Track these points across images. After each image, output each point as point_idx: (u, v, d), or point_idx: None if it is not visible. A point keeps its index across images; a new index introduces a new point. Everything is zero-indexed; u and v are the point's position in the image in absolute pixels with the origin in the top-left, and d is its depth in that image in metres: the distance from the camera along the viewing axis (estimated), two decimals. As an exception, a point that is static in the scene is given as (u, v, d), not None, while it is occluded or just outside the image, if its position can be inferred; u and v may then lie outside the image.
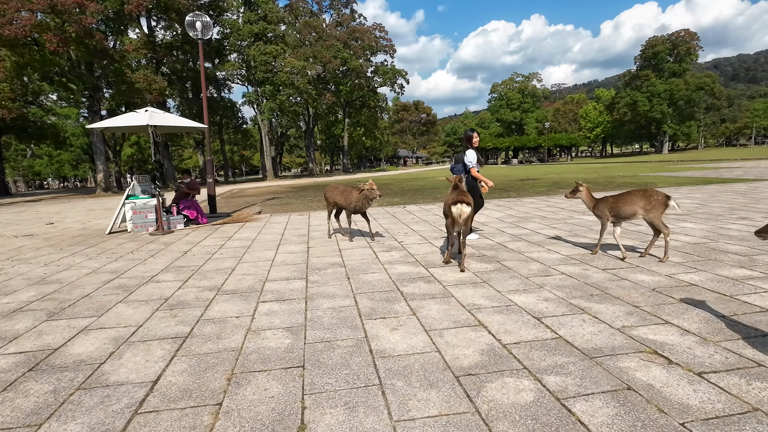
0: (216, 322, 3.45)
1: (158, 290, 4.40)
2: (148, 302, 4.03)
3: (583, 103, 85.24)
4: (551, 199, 11.14)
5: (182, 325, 3.43)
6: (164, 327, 3.39)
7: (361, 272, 4.78)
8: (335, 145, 65.63)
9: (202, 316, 3.60)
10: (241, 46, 37.60)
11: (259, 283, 4.50)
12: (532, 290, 3.92)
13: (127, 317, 3.65)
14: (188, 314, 3.66)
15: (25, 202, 23.55)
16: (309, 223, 8.75)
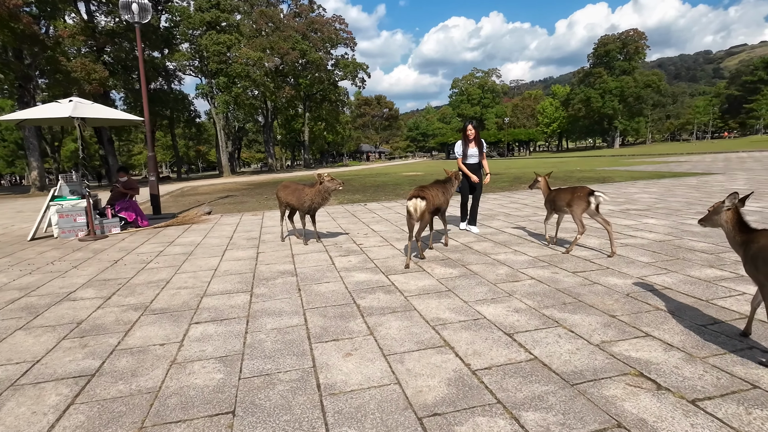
0: (134, 353, 2.87)
1: (72, 311, 3.73)
2: (55, 328, 3.37)
3: (540, 99, 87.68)
4: (514, 194, 11.03)
5: (91, 358, 2.83)
6: (68, 362, 2.79)
7: (314, 282, 4.29)
8: (296, 140, 64.09)
9: (119, 345, 3.00)
10: (193, 36, 35.66)
11: (195, 299, 3.92)
12: (502, 299, 3.58)
13: (23, 350, 3.00)
14: (102, 343, 3.06)
15: (-53, 203, 21.22)
16: (262, 224, 8.13)
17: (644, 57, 71.34)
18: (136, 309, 3.72)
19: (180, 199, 14.84)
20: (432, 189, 5.05)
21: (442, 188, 5.27)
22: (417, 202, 4.63)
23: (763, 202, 7.79)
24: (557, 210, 5.17)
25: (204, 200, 13.91)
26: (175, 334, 3.16)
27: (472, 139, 6.16)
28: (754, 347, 2.61)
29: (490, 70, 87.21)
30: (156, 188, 9.56)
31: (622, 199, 9.08)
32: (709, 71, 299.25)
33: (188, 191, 19.38)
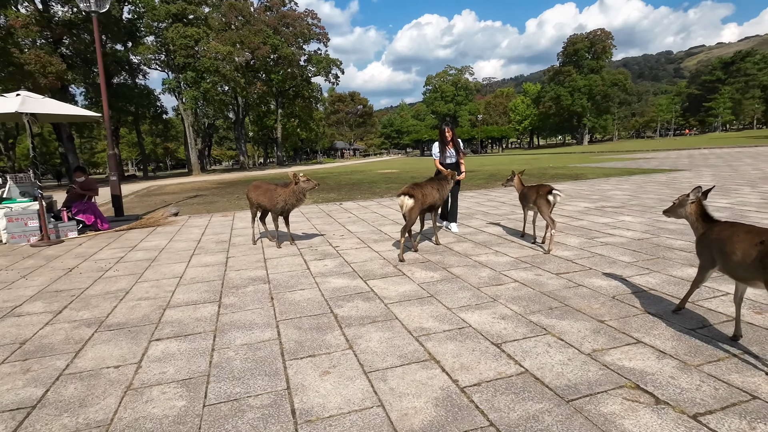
0: (85, 378, 2.56)
1: (15, 329, 3.35)
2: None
3: (512, 97, 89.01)
4: (490, 192, 10.99)
5: (34, 385, 2.50)
6: (5, 391, 2.45)
7: (288, 289, 4.03)
8: (269, 137, 62.85)
9: (67, 369, 2.68)
10: (159, 28, 34.27)
11: (157, 311, 3.60)
12: (486, 305, 3.42)
13: (-48, 378, 2.63)
14: (47, 366, 2.72)
15: None
16: (233, 225, 7.76)
17: (611, 56, 73.44)
18: (89, 324, 3.38)
19: (145, 200, 14.16)
20: (425, 187, 5.04)
21: (437, 186, 5.22)
22: (404, 199, 4.75)
23: (731, 198, 7.98)
24: (526, 205, 5.36)
25: (171, 200, 13.31)
26: (133, 353, 2.86)
27: (450, 141, 6.18)
28: (747, 352, 2.53)
29: (463, 68, 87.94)
30: (118, 188, 9.01)
31: (597, 197, 9.15)
32: (670, 71, 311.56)
33: (154, 190, 18.58)
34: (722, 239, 2.57)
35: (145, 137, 67.20)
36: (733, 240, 2.49)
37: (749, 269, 2.37)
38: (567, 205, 8.12)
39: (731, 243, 2.49)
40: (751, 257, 2.34)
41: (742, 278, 2.48)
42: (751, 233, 2.44)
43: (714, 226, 2.77)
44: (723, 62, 79.28)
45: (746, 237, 2.43)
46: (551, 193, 4.86)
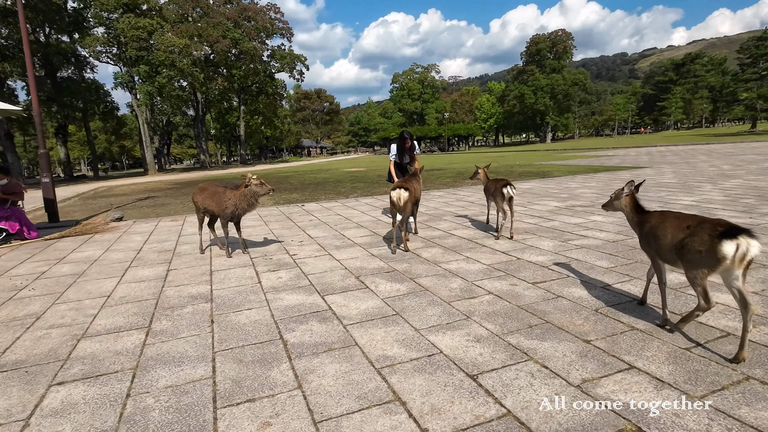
0: (-54, 446, 1.96)
1: None
2: None
3: (477, 95, 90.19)
4: (459, 191, 10.70)
5: None
6: None
7: (233, 309, 3.49)
8: (232, 135, 60.85)
9: (-72, 433, 2.07)
10: (110, 19, 32.20)
11: (69, 343, 2.99)
12: (459, 324, 3.02)
13: None
14: None
15: None
16: (181, 231, 7.07)
17: (572, 56, 75.53)
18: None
19: (90, 203, 13.05)
20: (412, 181, 5.32)
21: (417, 181, 5.56)
22: (401, 192, 4.84)
23: (695, 196, 7.98)
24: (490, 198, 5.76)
25: (119, 203, 12.31)
26: (23, 405, 2.27)
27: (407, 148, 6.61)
28: (751, 377, 2.23)
29: (429, 66, 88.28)
30: (51, 191, 8.08)
31: (566, 195, 9.00)
32: (625, 72, 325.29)
33: (103, 192, 17.29)
34: (655, 226, 2.80)
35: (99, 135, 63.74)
36: (665, 226, 2.69)
37: (674, 253, 2.59)
38: (537, 205, 7.90)
39: (662, 229, 2.70)
40: (676, 241, 2.55)
41: (670, 261, 2.68)
42: (678, 219, 2.66)
43: (647, 215, 3.00)
44: (675, 63, 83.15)
45: (675, 222, 2.64)
46: (505, 187, 5.25)
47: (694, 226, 2.47)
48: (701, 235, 2.38)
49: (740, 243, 2.25)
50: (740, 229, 2.28)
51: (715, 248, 2.29)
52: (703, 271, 2.40)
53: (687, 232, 2.49)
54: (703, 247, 2.36)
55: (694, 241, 2.41)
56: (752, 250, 2.24)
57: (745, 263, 2.27)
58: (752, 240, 2.25)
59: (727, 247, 2.25)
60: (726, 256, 2.26)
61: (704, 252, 2.35)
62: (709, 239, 2.33)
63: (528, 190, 10.07)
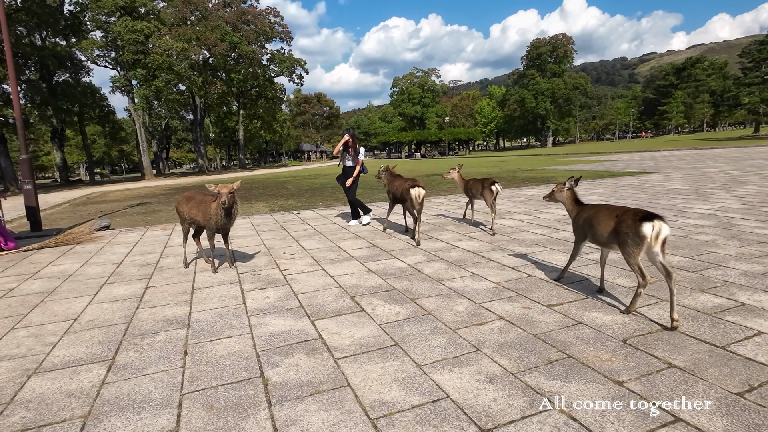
0: None
1: None
2: None
3: (477, 100, 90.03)
4: (461, 198, 10.29)
5: None
6: None
7: (210, 337, 3.09)
8: (231, 139, 60.55)
9: None
10: (108, 23, 31.92)
11: (17, 380, 2.59)
12: (467, 358, 2.62)
13: None
14: None
15: None
16: (168, 242, 6.67)
17: (572, 60, 75.35)
18: None
19: (80, 209, 12.65)
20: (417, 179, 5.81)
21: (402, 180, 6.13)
22: (420, 191, 5.39)
23: (710, 204, 7.58)
24: (473, 197, 6.54)
25: (109, 209, 11.91)
26: (-60, 469, 1.86)
27: (351, 147, 6.95)
28: (828, 437, 1.82)
29: (429, 70, 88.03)
30: (33, 198, 7.69)
31: (573, 202, 8.60)
32: (625, 76, 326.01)
33: (95, 198, 16.90)
34: (590, 217, 3.38)
35: (98, 139, 63.47)
36: (599, 217, 3.27)
37: (609, 237, 3.16)
38: (544, 213, 7.51)
39: (597, 219, 3.28)
40: (610, 228, 3.13)
41: (605, 244, 3.30)
42: (609, 210, 3.23)
43: (584, 208, 3.61)
44: (675, 68, 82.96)
45: (607, 213, 3.22)
46: (494, 185, 6.04)
47: (621, 215, 3.06)
48: (627, 221, 2.98)
49: (655, 225, 2.85)
50: (655, 215, 2.90)
51: (638, 229, 2.88)
52: (633, 249, 2.94)
53: (616, 219, 3.08)
54: (629, 230, 2.94)
55: (622, 226, 2.99)
56: (664, 230, 2.86)
57: (660, 241, 2.88)
58: (664, 223, 2.87)
59: (645, 228, 2.86)
60: (646, 235, 2.85)
61: (631, 233, 2.93)
62: (633, 223, 2.92)
63: (533, 197, 9.68)
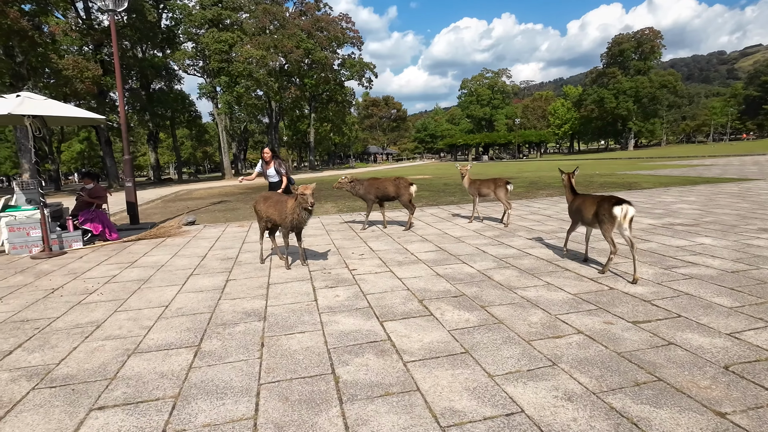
0: (-23, 477, 1.83)
1: (-56, 379, 2.70)
2: None
3: (551, 100, 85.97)
4: (533, 203, 9.88)
5: None
6: None
7: (285, 331, 3.22)
8: (302, 141, 63.24)
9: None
10: (197, 35, 34.84)
11: (118, 359, 2.88)
12: (543, 373, 2.48)
13: None
14: (-57, 450, 2.02)
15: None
16: (245, 238, 7.09)
17: (660, 56, 69.43)
18: (31, 377, 2.69)
19: (170, 205, 13.89)
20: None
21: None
22: (628, 207, 5.05)
23: (833, 216, 6.58)
24: (483, 195, 7.22)
25: (195, 206, 12.95)
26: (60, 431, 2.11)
27: (269, 161, 6.52)
28: None
29: (500, 71, 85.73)
30: (133, 195, 8.58)
31: (660, 210, 7.90)
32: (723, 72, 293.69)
33: (182, 195, 18.47)
34: (580, 203, 4.49)
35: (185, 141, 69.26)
36: (585, 203, 4.37)
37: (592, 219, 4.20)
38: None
39: (584, 205, 4.38)
40: (593, 211, 4.17)
41: (590, 223, 4.32)
42: (593, 198, 4.33)
43: (577, 196, 4.65)
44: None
45: (591, 200, 4.30)
46: (509, 183, 6.98)
47: (599, 201, 4.11)
48: (604, 205, 4.02)
49: (623, 208, 3.87)
50: (624, 200, 3.92)
51: (611, 211, 3.91)
52: (608, 226, 3.99)
53: (597, 205, 4.13)
54: (606, 212, 3.97)
55: (601, 210, 4.04)
56: (630, 211, 3.88)
57: (628, 220, 3.89)
58: (630, 207, 3.89)
59: (616, 210, 3.88)
60: (617, 215, 3.88)
61: (607, 215, 3.96)
62: (608, 206, 3.96)
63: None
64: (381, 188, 7.12)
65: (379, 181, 7.17)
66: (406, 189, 7.02)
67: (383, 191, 7.12)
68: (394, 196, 7.10)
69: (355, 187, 7.07)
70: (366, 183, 7.12)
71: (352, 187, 7.07)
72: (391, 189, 7.08)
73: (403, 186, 7.03)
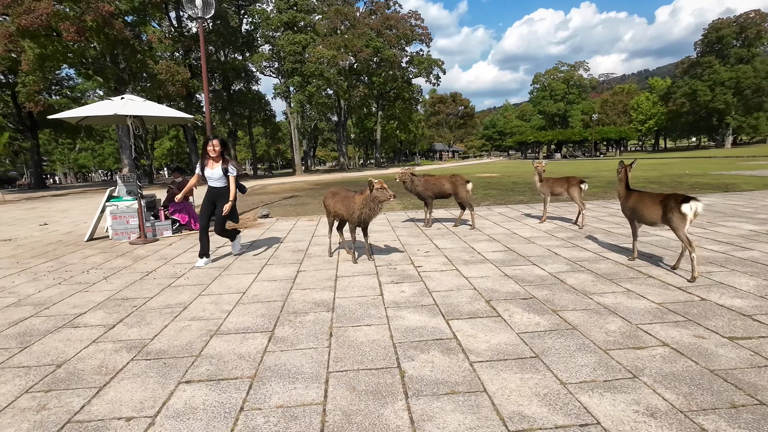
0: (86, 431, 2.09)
1: (62, 346, 3.11)
2: (29, 371, 2.74)
3: (634, 94, 79.49)
4: (612, 204, 9.24)
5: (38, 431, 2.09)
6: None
7: (352, 323, 3.31)
8: (369, 139, 64.31)
9: (79, 413, 2.25)
10: (273, 37, 36.76)
11: (202, 339, 3.13)
12: (622, 384, 2.32)
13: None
14: (64, 405, 2.33)
15: (53, 196, 23.70)
16: (315, 232, 7.37)
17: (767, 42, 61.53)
18: (130, 349, 3.01)
19: (246, 199, 14.80)
20: None
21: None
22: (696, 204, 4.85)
23: None
24: (556, 194, 6.96)
25: (268, 200, 13.69)
26: (154, 400, 2.35)
27: (216, 157, 5.14)
28: None
29: (576, 63, 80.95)
30: (215, 189, 9.25)
31: (764, 215, 7.03)
32: None
33: (257, 190, 19.59)
34: (636, 200, 4.42)
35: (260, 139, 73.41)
36: (643, 201, 4.30)
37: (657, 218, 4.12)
38: (721, 227, 6.29)
39: (641, 203, 4.32)
40: (656, 210, 4.10)
41: (651, 224, 4.28)
42: (651, 195, 4.29)
43: (631, 192, 4.55)
44: None
45: (651, 198, 4.24)
46: (582, 183, 6.63)
47: (664, 200, 4.00)
48: (670, 204, 3.90)
49: (692, 205, 3.78)
50: (690, 197, 3.83)
51: (680, 209, 3.81)
52: (679, 224, 3.84)
53: (661, 204, 4.02)
54: (674, 211, 3.85)
55: (668, 209, 3.91)
56: (699, 207, 3.80)
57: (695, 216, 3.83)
58: (699, 203, 3.81)
59: (685, 207, 3.79)
60: (686, 213, 3.79)
61: (676, 213, 3.85)
62: (676, 204, 3.85)
63: (707, 207, 8.17)
64: (437, 185, 7.04)
65: (435, 178, 7.11)
66: (463, 186, 6.88)
67: (439, 188, 7.04)
68: (451, 193, 6.99)
69: (413, 182, 7.04)
70: (422, 180, 7.06)
71: (410, 182, 7.03)
72: (447, 186, 6.98)
73: (459, 183, 6.90)
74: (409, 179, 7.00)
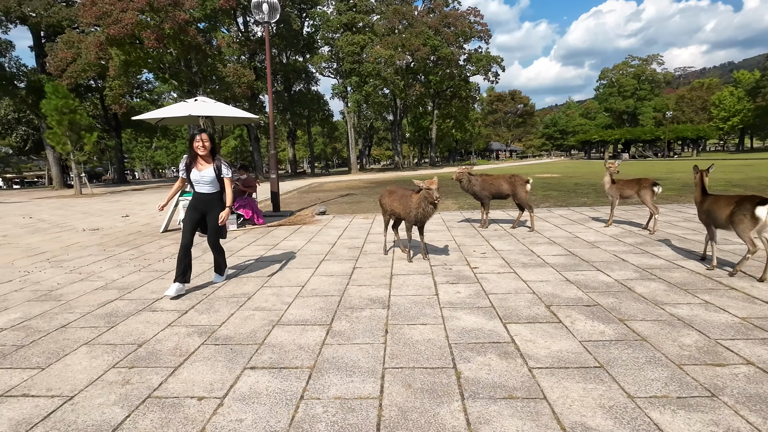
0: (166, 407, 2.28)
1: (143, 327, 3.40)
2: (115, 348, 3.03)
3: (715, 89, 72.77)
4: (687, 209, 8.55)
5: (120, 405, 2.32)
6: (96, 406, 2.31)
7: (407, 321, 3.34)
8: (424, 138, 64.02)
9: (158, 389, 2.46)
10: (333, 39, 37.68)
11: (265, 328, 3.30)
12: (697, 403, 2.16)
13: (69, 377, 2.65)
14: (144, 381, 2.56)
15: (133, 190, 25.85)
16: (370, 229, 7.48)
17: None
18: (201, 333, 3.23)
19: (304, 196, 15.31)
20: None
21: None
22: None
23: None
24: (626, 197, 6.60)
25: (325, 198, 14.07)
26: (222, 382, 2.51)
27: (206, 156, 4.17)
28: None
29: (649, 57, 75.47)
30: (276, 185, 9.68)
31: None
32: None
33: (315, 187, 20.19)
34: (710, 204, 4.34)
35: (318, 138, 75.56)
36: (718, 204, 4.22)
37: (726, 220, 4.06)
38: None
39: (716, 206, 4.23)
40: (728, 212, 4.04)
41: (722, 227, 4.19)
42: (727, 198, 4.20)
43: (707, 197, 4.46)
44: None
45: (725, 201, 4.17)
46: (656, 185, 6.26)
47: (738, 201, 3.98)
48: (745, 205, 3.89)
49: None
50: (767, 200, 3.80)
51: (754, 212, 3.80)
52: (747, 226, 3.86)
53: (735, 205, 3.99)
54: (746, 213, 3.85)
55: (741, 210, 3.90)
56: None
57: None
58: None
59: (760, 211, 3.78)
60: (761, 216, 3.78)
61: (748, 215, 3.84)
62: (750, 206, 3.84)
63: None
64: (495, 185, 6.87)
65: (492, 178, 6.95)
66: (522, 186, 6.66)
67: (497, 188, 6.86)
68: (509, 193, 6.80)
69: (470, 181, 6.92)
70: (480, 179, 6.93)
71: (467, 182, 6.92)
72: (505, 186, 6.79)
73: (519, 183, 6.69)
74: (466, 178, 6.91)
